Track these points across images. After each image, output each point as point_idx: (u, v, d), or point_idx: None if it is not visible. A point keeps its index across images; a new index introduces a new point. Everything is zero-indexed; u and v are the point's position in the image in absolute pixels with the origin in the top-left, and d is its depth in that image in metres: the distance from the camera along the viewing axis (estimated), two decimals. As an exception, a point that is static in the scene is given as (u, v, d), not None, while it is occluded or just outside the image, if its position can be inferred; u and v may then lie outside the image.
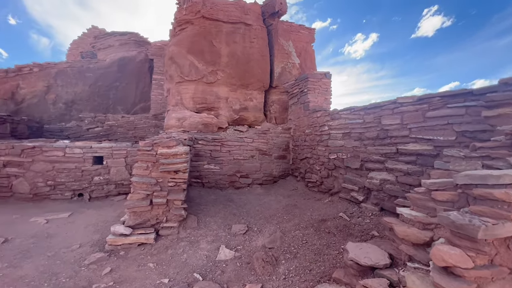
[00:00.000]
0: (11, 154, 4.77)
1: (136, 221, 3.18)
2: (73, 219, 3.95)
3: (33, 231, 3.44)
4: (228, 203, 4.50)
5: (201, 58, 5.89)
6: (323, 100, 5.61)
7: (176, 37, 6.19)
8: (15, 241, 3.13)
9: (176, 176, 3.53)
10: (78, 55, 12.31)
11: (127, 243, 2.99)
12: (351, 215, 3.53)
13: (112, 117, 8.73)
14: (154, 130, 9.21)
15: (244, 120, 6.26)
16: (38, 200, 4.80)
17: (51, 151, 4.92)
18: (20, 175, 4.80)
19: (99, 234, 3.38)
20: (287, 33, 6.77)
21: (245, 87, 6.26)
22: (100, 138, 8.53)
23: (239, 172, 5.45)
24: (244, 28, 6.32)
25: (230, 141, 5.43)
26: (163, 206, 3.34)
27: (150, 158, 3.54)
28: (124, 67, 9.51)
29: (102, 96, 9.08)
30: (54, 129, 8.06)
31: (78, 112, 8.58)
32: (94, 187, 5.08)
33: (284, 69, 6.57)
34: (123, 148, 5.26)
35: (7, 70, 7.85)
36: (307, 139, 5.37)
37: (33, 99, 7.96)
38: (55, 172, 4.92)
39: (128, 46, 10.21)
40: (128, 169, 5.23)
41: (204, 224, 3.57)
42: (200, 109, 5.99)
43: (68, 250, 2.94)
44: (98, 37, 11.11)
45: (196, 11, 6.14)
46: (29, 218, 3.90)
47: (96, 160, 5.17)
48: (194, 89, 5.88)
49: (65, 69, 8.47)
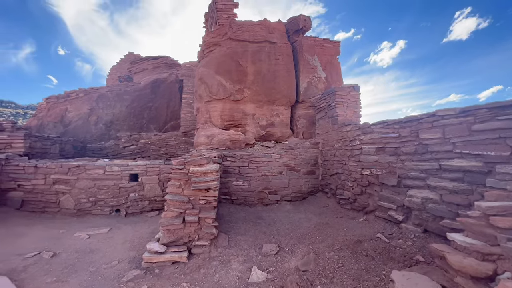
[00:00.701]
0: (59, 173, 5.23)
1: (170, 239, 3.26)
2: (112, 235, 4.15)
3: (77, 246, 3.66)
4: (257, 220, 4.45)
5: (229, 78, 6.11)
6: (352, 113, 5.45)
7: (205, 59, 6.52)
8: (62, 256, 3.35)
9: (207, 194, 3.59)
10: (116, 79, 13.47)
11: (161, 261, 3.05)
12: (390, 236, 3.29)
13: (146, 135, 9.28)
14: (184, 146, 9.60)
15: (271, 136, 6.27)
16: (81, 215, 5.15)
17: (93, 169, 5.31)
18: (66, 192, 5.22)
19: (135, 251, 3.50)
20: (311, 48, 6.80)
21: (271, 103, 6.33)
22: (135, 155, 9.07)
23: (268, 189, 5.41)
24: (269, 46, 6.48)
25: (258, 157, 5.44)
26: (195, 224, 3.39)
27: (182, 176, 3.65)
28: (156, 88, 10.18)
29: (137, 116, 9.73)
30: (95, 148, 8.74)
31: (116, 131, 9.25)
32: (130, 203, 5.34)
33: (310, 84, 6.55)
34: (156, 165, 5.51)
35: (58, 96, 8.81)
36: (337, 154, 5.21)
37: (78, 121, 8.77)
38: (96, 189, 5.27)
39: (160, 69, 10.97)
40: (161, 186, 5.44)
41: (235, 243, 3.54)
42: (228, 126, 6.13)
43: (108, 266, 3.08)
44: (134, 62, 12.10)
45: (223, 33, 6.45)
46: (74, 233, 4.18)
47: (132, 177, 5.47)
48: (222, 107, 6.07)
49: (105, 92, 9.28)
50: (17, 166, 5.22)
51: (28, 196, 5.15)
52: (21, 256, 3.28)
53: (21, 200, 5.13)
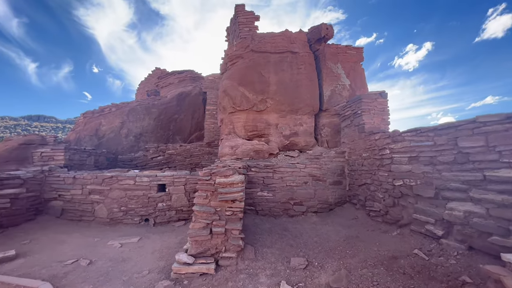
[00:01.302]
0: (94, 183, 5.56)
1: (197, 250, 3.29)
2: (142, 244, 4.29)
3: (111, 255, 3.82)
4: (283, 232, 4.36)
5: (251, 89, 6.20)
6: (380, 121, 5.25)
7: (228, 71, 6.70)
8: (97, 263, 3.51)
9: (233, 205, 3.60)
10: (144, 93, 14.24)
11: (190, 272, 3.08)
12: (430, 253, 3.04)
13: (172, 146, 9.63)
14: (208, 157, 9.80)
15: (294, 145, 6.20)
16: (114, 224, 5.40)
17: (125, 180, 5.58)
18: (100, 201, 5.52)
19: (164, 261, 3.57)
20: (334, 56, 6.72)
21: (295, 113, 6.29)
22: (162, 166, 9.41)
23: (293, 199, 5.31)
24: (291, 56, 6.51)
25: (282, 168, 5.39)
26: (221, 235, 3.40)
27: (209, 187, 3.71)
28: (182, 101, 10.60)
29: (164, 128, 10.16)
30: (126, 159, 9.22)
31: (144, 143, 9.71)
32: (158, 213, 5.50)
33: (334, 92, 6.44)
34: (183, 176, 5.66)
35: (93, 112, 9.49)
36: (365, 163, 5.01)
37: (110, 134, 9.35)
38: (127, 199, 5.51)
39: (185, 82, 11.44)
40: (187, 196, 5.56)
41: (262, 256, 3.48)
42: (251, 136, 6.18)
43: (140, 275, 3.16)
44: (161, 76, 12.75)
45: (246, 46, 6.61)
46: (107, 241, 4.37)
47: (160, 187, 5.65)
48: (245, 118, 6.15)
49: (135, 107, 9.84)
50: (58, 177, 5.64)
51: (67, 205, 5.52)
52: (61, 263, 3.48)
53: (61, 209, 5.50)
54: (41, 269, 3.30)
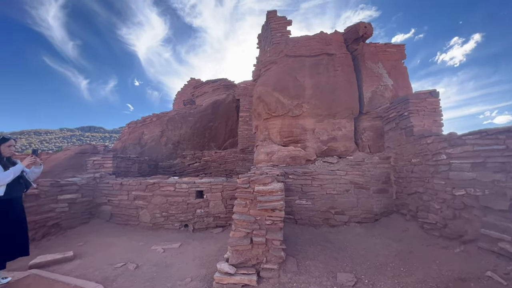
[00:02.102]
0: (139, 189, 5.88)
1: (238, 260, 3.22)
2: (183, 250, 4.37)
3: (155, 260, 3.94)
4: (325, 244, 4.11)
5: (286, 94, 6.09)
6: (431, 122, 4.75)
7: (261, 78, 6.69)
8: (143, 268, 3.64)
9: (273, 214, 3.49)
10: (181, 103, 14.98)
11: (231, 282, 3.01)
12: (507, 276, 2.59)
13: (207, 153, 9.88)
14: (242, 163, 9.86)
15: (333, 151, 5.91)
16: (156, 229, 5.62)
17: (165, 186, 5.80)
18: (144, 207, 5.80)
19: (205, 269, 3.56)
20: (374, 55, 6.33)
21: (332, 117, 6.02)
22: (198, 172, 9.70)
23: (333, 208, 5.02)
24: (327, 59, 6.28)
25: (321, 174, 5.14)
26: (262, 245, 3.29)
27: (248, 196, 3.65)
28: (216, 109, 10.89)
29: (200, 135, 10.50)
30: (166, 166, 9.68)
31: (182, 150, 10.13)
32: (196, 219, 5.61)
33: (375, 93, 6.03)
34: (220, 182, 5.72)
35: (136, 122, 10.21)
36: (415, 169, 4.55)
37: (151, 143, 9.93)
38: (168, 205, 5.71)
39: (219, 90, 11.76)
40: (224, 203, 5.59)
41: (305, 269, 3.30)
42: (287, 142, 6.04)
43: (182, 283, 3.19)
44: (196, 86, 13.30)
45: (279, 51, 6.55)
46: (151, 246, 4.54)
47: (198, 194, 5.77)
48: (281, 124, 6.04)
49: (173, 116, 10.34)
50: (107, 183, 6.09)
51: (115, 210, 5.91)
52: (112, 265, 3.68)
53: (110, 213, 5.91)
54: (95, 271, 3.51)
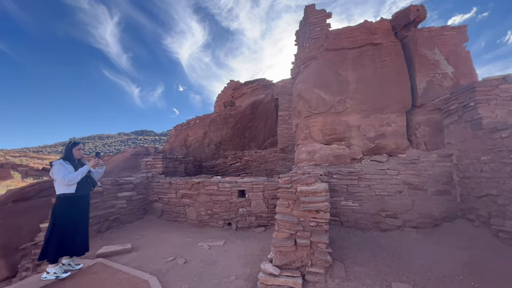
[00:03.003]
0: (185, 188, 6.22)
1: (282, 261, 3.16)
2: (227, 248, 4.47)
3: (201, 256, 4.11)
4: (376, 249, 3.79)
5: (328, 90, 5.81)
6: (505, 113, 4.04)
7: (301, 75, 6.51)
8: (191, 263, 3.82)
9: (317, 215, 3.34)
10: (221, 105, 15.49)
11: (276, 284, 2.96)
12: None
13: (248, 153, 10.02)
14: (282, 162, 9.76)
15: (381, 149, 5.44)
16: (201, 226, 5.88)
17: (209, 185, 6.03)
18: (190, 204, 6.12)
19: (249, 268, 3.59)
20: (429, 40, 5.64)
21: (380, 111, 5.54)
22: (239, 172, 9.90)
23: (384, 211, 4.61)
24: (372, 49, 5.82)
25: (369, 174, 4.78)
26: (307, 248, 3.17)
27: (290, 196, 3.56)
28: (255, 109, 10.99)
29: (240, 136, 10.72)
30: (209, 166, 10.11)
31: (223, 151, 10.46)
32: (239, 218, 5.70)
33: (432, 83, 5.37)
34: (261, 182, 5.72)
35: (182, 124, 10.88)
36: (486, 168, 3.91)
37: (195, 144, 10.47)
38: (212, 203, 5.93)
39: (257, 91, 11.86)
40: (266, 202, 5.58)
41: (354, 275, 3.08)
42: (330, 140, 5.76)
43: (228, 280, 3.25)
44: (235, 88, 13.62)
45: (319, 46, 6.29)
46: (197, 243, 4.75)
47: (240, 193, 5.86)
48: (323, 121, 5.79)
49: (215, 118, 10.75)
50: (158, 182, 6.58)
51: (165, 207, 6.35)
52: (163, 259, 3.94)
53: (161, 210, 6.38)
54: (149, 263, 3.81)
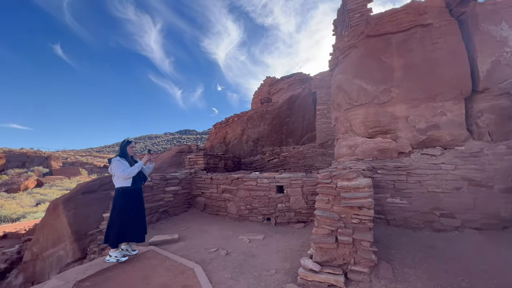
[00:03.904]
0: (225, 183, 6.46)
1: (322, 258, 3.09)
2: (267, 242, 4.53)
3: (242, 249, 4.24)
4: (429, 251, 3.46)
5: (370, 79, 5.43)
6: None
7: (340, 66, 6.20)
8: (232, 255, 3.97)
9: (359, 212, 3.17)
10: (258, 101, 15.63)
11: (316, 280, 2.92)
12: None
13: (286, 149, 9.96)
14: (321, 158, 9.48)
15: (434, 141, 4.90)
16: (241, 220, 6.05)
17: (248, 181, 6.16)
18: (230, 199, 6.34)
19: (289, 263, 3.59)
20: (493, 14, 4.87)
21: (432, 99, 4.99)
22: (277, 168, 9.90)
23: (438, 209, 4.16)
24: (421, 31, 5.25)
25: (419, 169, 4.35)
26: (349, 245, 3.04)
27: (330, 191, 3.45)
28: (292, 104, 10.84)
29: (277, 132, 10.70)
30: (247, 162, 10.33)
31: (261, 147, 10.57)
32: (278, 213, 5.72)
33: (498, 63, 4.63)
34: (299, 178, 5.64)
35: (221, 123, 11.29)
36: None
37: (234, 141, 10.77)
38: (251, 198, 6.05)
39: (294, 85, 11.66)
40: (305, 198, 5.50)
41: (402, 277, 2.86)
42: (373, 133, 5.39)
43: (268, 274, 3.30)
44: (271, 84, 13.60)
45: (359, 33, 5.90)
46: (238, 236, 4.91)
47: (278, 189, 5.87)
48: (365, 113, 5.44)
49: (252, 115, 10.90)
50: (200, 177, 6.96)
51: (207, 201, 6.70)
52: (207, 250, 4.17)
53: (203, 204, 6.74)
54: (194, 253, 4.06)
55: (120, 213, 3.59)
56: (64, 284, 2.78)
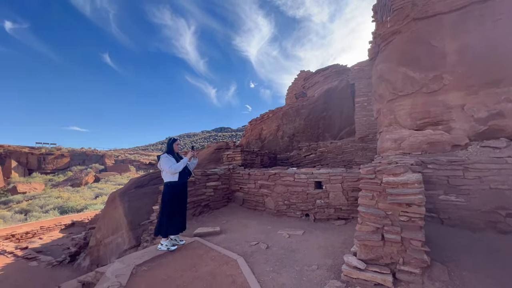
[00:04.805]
0: (263, 179, 6.55)
1: (367, 256, 2.97)
2: (306, 238, 4.50)
3: (281, 243, 4.28)
4: (493, 254, 3.10)
5: (417, 66, 4.99)
6: None
7: (381, 54, 5.81)
8: (272, 249, 4.04)
9: (408, 209, 2.97)
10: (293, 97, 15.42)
11: (362, 278, 2.83)
12: None
13: (323, 144, 9.70)
14: (361, 153, 9.03)
15: (498, 132, 4.33)
16: (279, 215, 6.09)
17: (285, 176, 6.16)
18: (268, 194, 6.42)
19: (331, 259, 3.53)
20: None
21: (494, 85, 4.40)
22: (314, 163, 9.70)
23: (504, 209, 3.68)
24: (479, 8, 4.64)
25: (479, 163, 3.89)
26: (397, 244, 2.88)
27: (374, 187, 3.28)
28: (328, 97, 10.48)
29: (313, 126, 10.46)
30: (283, 158, 10.31)
31: (297, 142, 10.44)
32: (316, 209, 5.63)
33: None
34: (339, 173, 5.47)
35: (256, 119, 11.42)
36: None
37: (270, 137, 10.82)
38: (289, 194, 6.05)
39: (330, 78, 11.24)
40: (345, 195, 5.32)
41: (460, 281, 2.62)
42: (422, 125, 4.96)
43: (310, 269, 3.29)
44: (306, 78, 13.30)
45: (404, 16, 5.44)
46: (277, 231, 4.96)
47: (317, 184, 5.77)
48: (411, 104, 5.03)
49: (287, 110, 10.82)
50: (238, 173, 7.16)
51: (246, 196, 6.87)
52: (248, 243, 4.30)
53: (242, 199, 6.93)
54: (236, 246, 4.23)
55: (168, 206, 3.89)
56: (125, 267, 3.13)
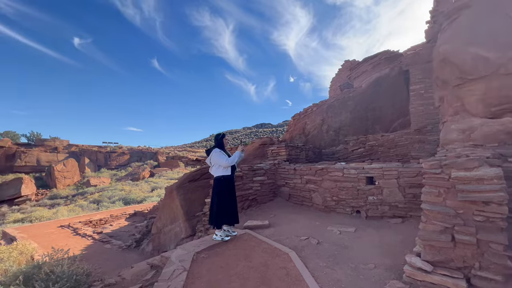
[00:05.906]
0: (309, 174, 6.44)
1: (434, 257, 2.72)
2: (359, 235, 4.32)
3: (333, 239, 4.18)
4: None
5: (492, 44, 4.29)
6: None
7: (444, 33, 5.15)
8: (324, 245, 3.97)
9: (485, 208, 2.62)
10: (337, 88, 14.73)
11: (428, 281, 2.60)
12: None
13: (372, 137, 9.08)
14: (418, 146, 8.22)
15: None
16: (328, 211, 5.94)
17: (333, 171, 5.96)
18: (315, 190, 6.29)
19: (389, 259, 3.32)
20: None
21: None
22: (363, 158, 9.16)
23: None
24: None
25: None
26: (471, 246, 2.57)
27: (440, 183, 2.97)
28: (378, 87, 9.73)
29: (361, 119, 9.85)
30: (328, 153, 9.96)
31: (343, 136, 9.98)
32: (369, 206, 5.34)
33: None
34: (394, 168, 5.08)
35: (299, 114, 11.23)
36: None
37: (314, 131, 10.55)
38: (337, 190, 5.84)
39: (380, 66, 10.39)
40: (402, 191, 4.93)
41: (558, 294, 2.22)
42: (498, 112, 4.28)
43: (366, 267, 3.16)
44: (352, 68, 12.54)
45: (473, -12, 4.73)
46: (326, 227, 4.85)
47: (368, 180, 5.45)
48: (485, 88, 4.36)
49: (332, 103, 10.39)
50: (284, 168, 7.17)
51: (292, 191, 6.85)
52: (297, 237, 4.31)
53: (288, 194, 6.94)
54: (285, 239, 4.27)
55: (222, 198, 4.11)
56: (187, 253, 3.43)
